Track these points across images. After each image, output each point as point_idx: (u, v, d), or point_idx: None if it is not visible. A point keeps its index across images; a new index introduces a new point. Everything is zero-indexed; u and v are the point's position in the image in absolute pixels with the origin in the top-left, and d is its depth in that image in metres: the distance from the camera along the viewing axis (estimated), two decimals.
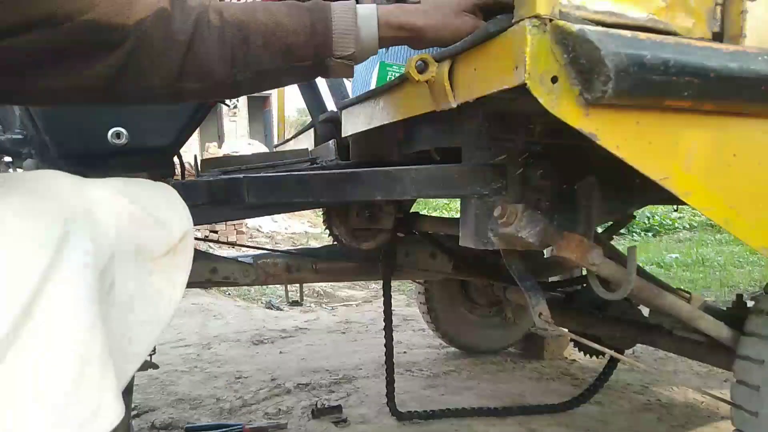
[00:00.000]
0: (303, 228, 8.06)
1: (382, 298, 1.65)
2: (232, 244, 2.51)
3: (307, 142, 1.70)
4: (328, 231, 1.50)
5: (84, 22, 0.58)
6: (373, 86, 1.60)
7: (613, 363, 1.73)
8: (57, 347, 0.42)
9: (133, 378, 1.36)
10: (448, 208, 7.88)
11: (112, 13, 0.60)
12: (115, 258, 0.51)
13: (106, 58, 0.62)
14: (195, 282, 1.47)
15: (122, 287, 0.53)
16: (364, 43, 0.74)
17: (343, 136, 1.25)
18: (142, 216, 0.57)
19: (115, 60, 0.62)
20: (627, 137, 0.65)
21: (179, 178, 1.38)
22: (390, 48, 1.77)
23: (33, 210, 0.45)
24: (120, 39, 0.61)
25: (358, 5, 0.74)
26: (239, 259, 1.59)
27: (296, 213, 7.54)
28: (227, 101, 1.14)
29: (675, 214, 7.29)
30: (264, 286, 3.74)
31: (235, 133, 15.47)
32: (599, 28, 0.63)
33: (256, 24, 0.68)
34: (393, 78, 1.21)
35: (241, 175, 1.08)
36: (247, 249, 3.62)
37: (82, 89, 0.63)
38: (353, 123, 1.18)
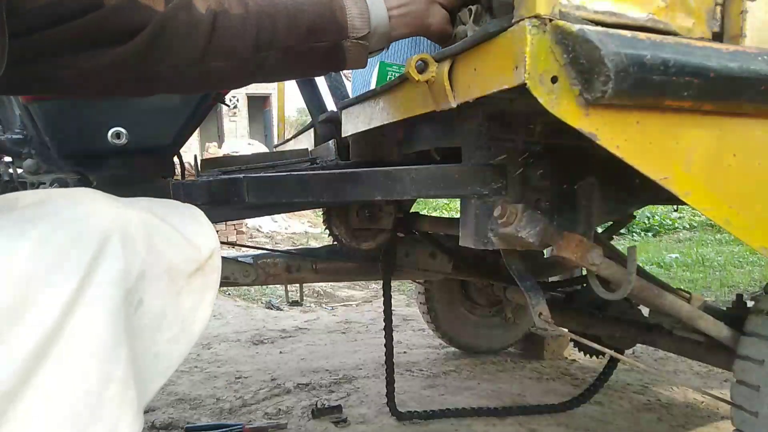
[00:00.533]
0: (303, 228, 8.07)
1: (382, 298, 1.65)
2: (232, 244, 2.51)
3: (307, 142, 1.70)
4: (328, 231, 1.50)
5: (112, 8, 0.63)
6: (373, 86, 1.60)
7: (613, 363, 1.73)
8: (82, 365, 0.43)
9: None
10: (448, 208, 7.88)
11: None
12: (145, 276, 0.52)
13: (131, 40, 0.65)
14: None
15: (150, 305, 0.54)
16: (376, 22, 0.79)
17: (343, 136, 1.25)
18: (172, 235, 0.58)
19: (141, 41, 0.65)
20: (627, 137, 0.65)
21: (179, 178, 1.38)
22: (390, 48, 1.77)
23: (70, 228, 0.46)
24: (145, 22, 0.65)
25: None
26: (239, 259, 1.59)
27: (296, 213, 7.54)
28: (227, 101, 1.14)
29: (675, 214, 7.29)
30: (264, 286, 3.74)
31: (235, 133, 15.47)
32: (599, 28, 0.63)
33: (278, 5, 0.73)
34: (393, 78, 1.21)
35: (241, 175, 1.08)
36: (247, 249, 3.62)
37: (111, 71, 0.66)
38: (353, 123, 1.18)
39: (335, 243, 1.52)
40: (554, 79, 0.62)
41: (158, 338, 0.55)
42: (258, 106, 15.78)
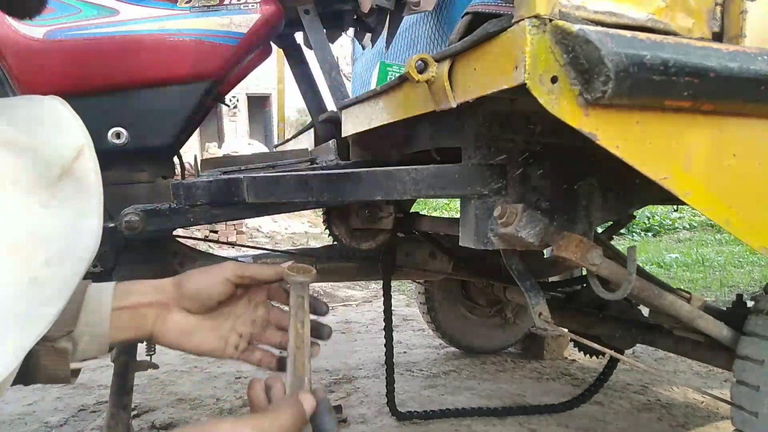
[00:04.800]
0: (303, 228, 8.06)
1: (382, 298, 1.65)
2: (232, 244, 2.51)
3: (307, 142, 1.70)
4: (328, 231, 1.49)
5: None
6: (373, 86, 1.60)
7: (613, 363, 1.73)
8: None
9: (132, 377, 1.36)
10: (448, 208, 7.88)
11: None
12: None
13: None
14: None
15: (5, 228, 0.46)
16: None
17: (343, 136, 1.25)
18: (17, 140, 0.49)
19: None
20: (627, 137, 0.65)
21: (179, 178, 1.38)
22: (390, 48, 1.78)
23: None
24: None
25: None
26: (239, 259, 1.58)
27: (296, 213, 7.54)
28: (227, 101, 1.14)
29: (675, 214, 7.29)
30: None
31: (235, 133, 15.46)
32: (599, 28, 0.63)
33: None
34: (393, 78, 1.21)
35: (241, 175, 1.08)
36: (247, 249, 3.60)
37: None
38: (353, 123, 1.18)
39: (335, 243, 1.52)
40: (554, 79, 0.62)
41: (33, 262, 0.47)
42: (258, 106, 15.76)
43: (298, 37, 1.65)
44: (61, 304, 0.48)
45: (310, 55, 1.60)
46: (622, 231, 6.29)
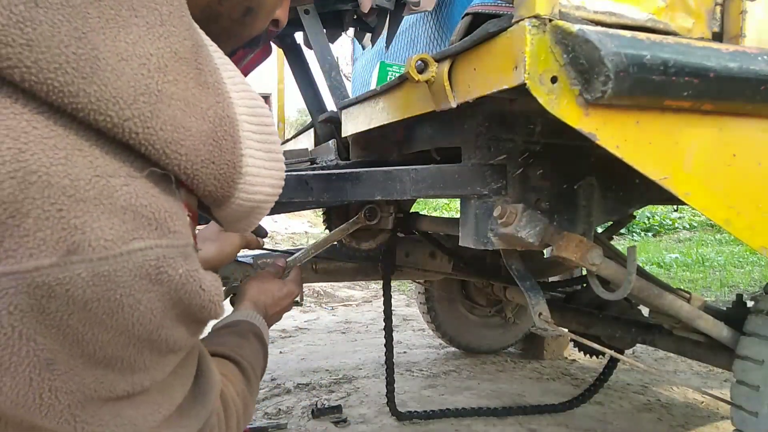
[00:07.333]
0: (303, 228, 8.06)
1: (382, 298, 1.65)
2: None
3: (307, 142, 1.70)
4: (328, 231, 1.49)
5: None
6: (373, 86, 1.60)
7: (613, 363, 1.73)
8: None
9: None
10: (448, 208, 7.88)
11: None
12: None
13: None
14: None
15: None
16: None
17: (343, 136, 1.25)
18: None
19: None
20: (627, 137, 0.65)
21: None
22: (390, 48, 1.78)
23: None
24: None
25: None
26: (239, 259, 1.58)
27: (296, 213, 7.53)
28: None
29: (675, 214, 7.29)
30: None
31: None
32: (599, 28, 0.63)
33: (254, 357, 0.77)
34: (393, 78, 1.21)
35: None
36: (247, 249, 3.59)
37: None
38: (353, 123, 1.18)
39: (335, 243, 1.51)
40: (554, 79, 0.62)
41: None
42: None
43: (298, 37, 1.65)
44: None
45: (310, 55, 1.60)
46: (622, 231, 6.29)
